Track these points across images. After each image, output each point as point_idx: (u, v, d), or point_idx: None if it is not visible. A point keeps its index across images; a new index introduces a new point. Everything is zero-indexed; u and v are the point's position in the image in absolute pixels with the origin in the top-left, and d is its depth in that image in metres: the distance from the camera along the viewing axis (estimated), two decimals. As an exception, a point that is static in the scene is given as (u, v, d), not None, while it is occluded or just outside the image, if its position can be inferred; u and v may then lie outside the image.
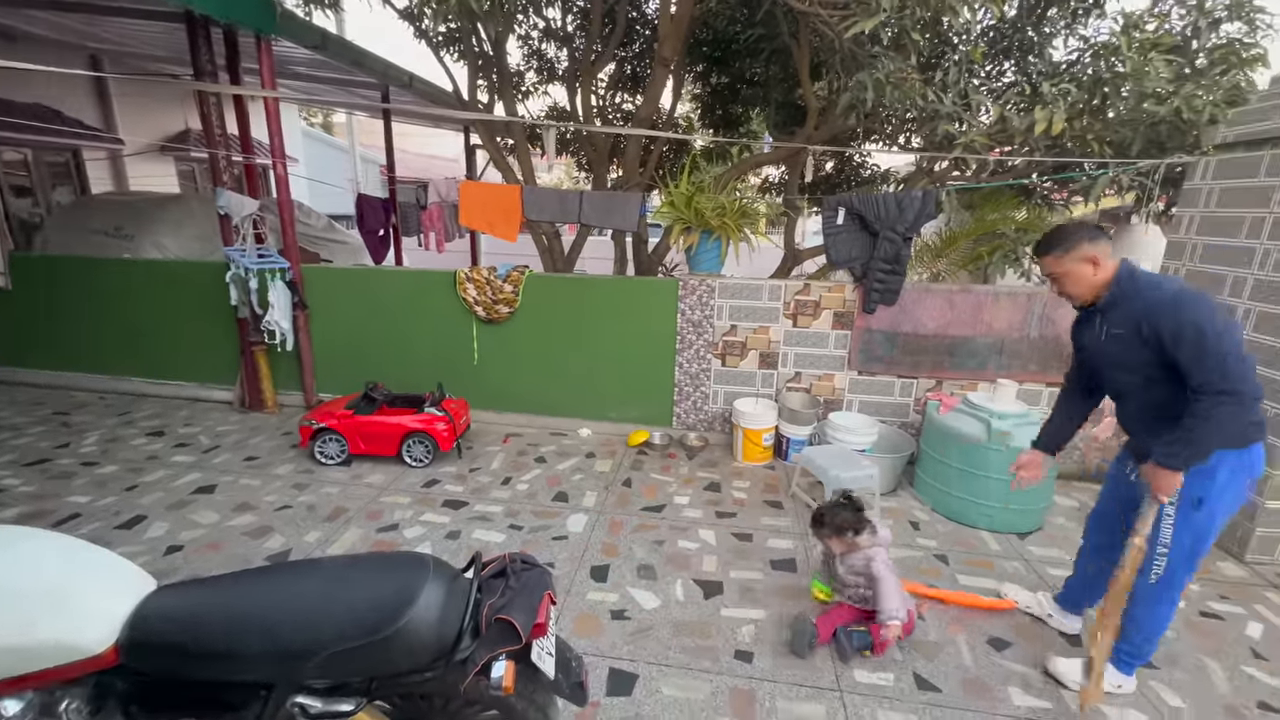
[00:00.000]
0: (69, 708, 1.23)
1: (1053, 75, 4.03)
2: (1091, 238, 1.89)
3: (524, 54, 6.72)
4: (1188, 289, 1.81)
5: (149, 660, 1.22)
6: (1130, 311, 1.86)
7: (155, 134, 8.20)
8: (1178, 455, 1.77)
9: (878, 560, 2.35)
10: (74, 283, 4.86)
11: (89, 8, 4.64)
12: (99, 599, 1.25)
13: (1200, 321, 1.70)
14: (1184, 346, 1.72)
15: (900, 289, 3.82)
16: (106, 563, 1.34)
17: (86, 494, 3.34)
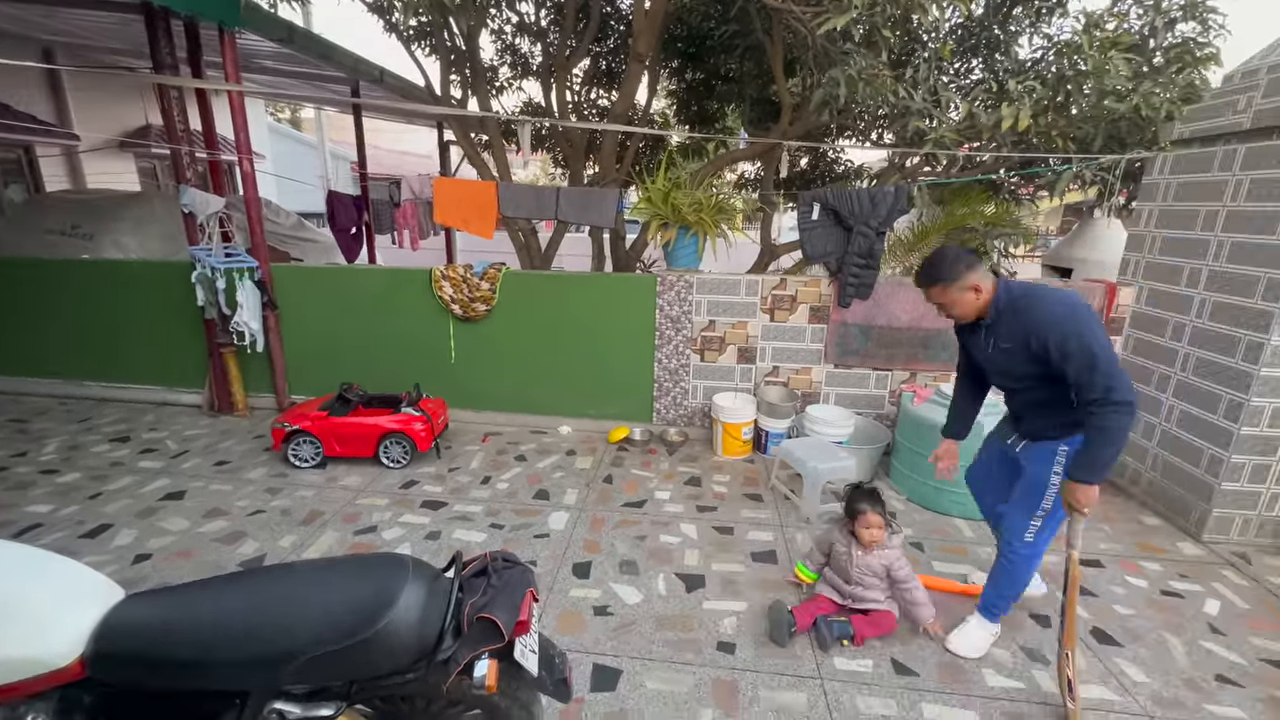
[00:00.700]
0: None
1: (1019, 73, 4.13)
2: (970, 265, 1.94)
3: (497, 49, 6.65)
4: (1070, 304, 1.86)
5: (117, 672, 1.18)
6: (1016, 327, 1.93)
7: (113, 129, 7.91)
8: (1093, 471, 1.87)
9: (903, 562, 2.38)
10: (29, 285, 4.67)
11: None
12: (62, 610, 1.21)
13: (1086, 338, 1.78)
14: (1072, 362, 1.81)
15: (874, 283, 3.89)
16: (70, 572, 1.30)
17: (48, 503, 3.22)
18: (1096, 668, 2.29)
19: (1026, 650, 2.37)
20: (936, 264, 1.97)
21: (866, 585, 2.41)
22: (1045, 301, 1.89)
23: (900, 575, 2.37)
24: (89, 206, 5.48)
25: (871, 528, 2.36)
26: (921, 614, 2.36)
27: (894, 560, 2.38)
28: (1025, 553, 2.20)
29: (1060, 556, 2.93)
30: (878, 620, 2.37)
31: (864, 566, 2.40)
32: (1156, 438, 3.50)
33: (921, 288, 2.06)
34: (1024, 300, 1.93)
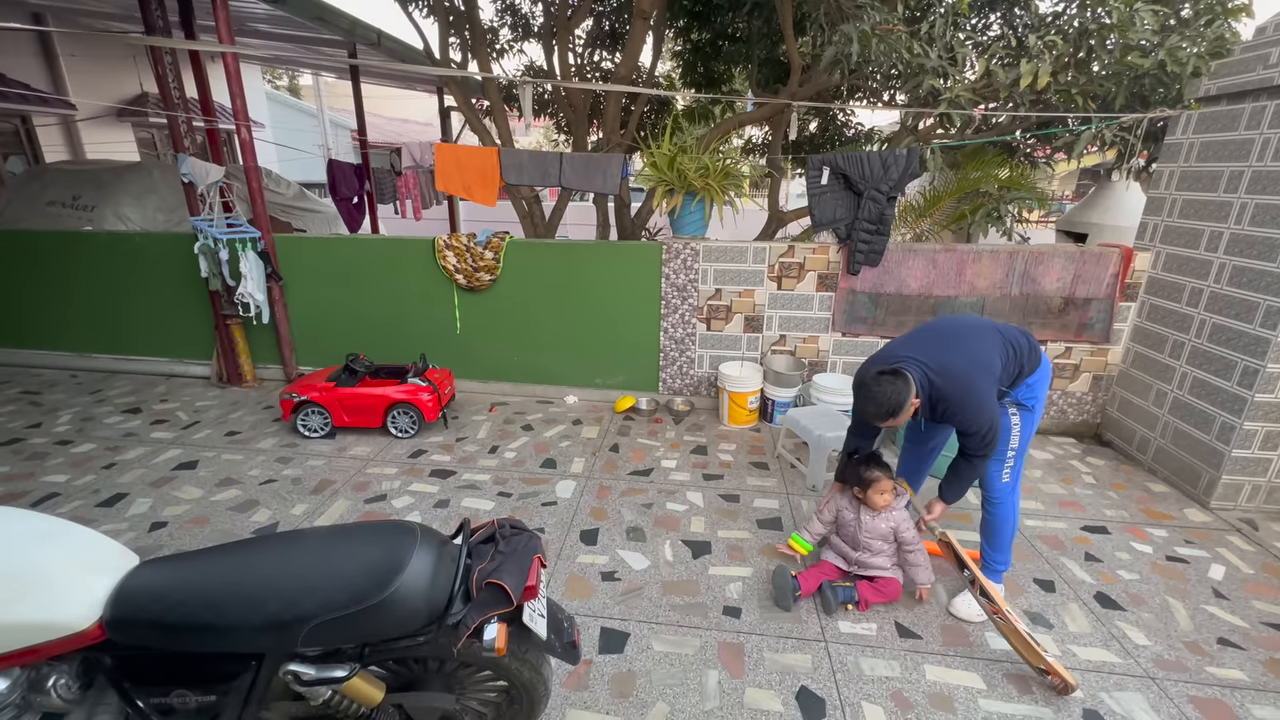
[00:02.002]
0: (58, 684, 1.23)
1: (1039, 27, 3.96)
2: (909, 389, 2.07)
3: (497, 9, 6.45)
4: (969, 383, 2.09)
5: (135, 635, 1.21)
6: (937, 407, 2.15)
7: (109, 98, 7.78)
8: (957, 494, 2.29)
9: (909, 524, 2.40)
10: (34, 257, 4.67)
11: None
12: (81, 576, 1.23)
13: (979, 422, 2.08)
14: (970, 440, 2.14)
15: (884, 249, 3.82)
16: (87, 540, 1.32)
17: (63, 473, 3.27)
18: (1100, 631, 2.31)
19: (1030, 614, 2.39)
20: (881, 404, 2.08)
21: (874, 550, 2.42)
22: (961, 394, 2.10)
23: (907, 537, 2.39)
24: (90, 177, 5.43)
25: (885, 492, 2.38)
26: (919, 575, 2.40)
27: (901, 522, 2.39)
28: (1006, 494, 2.35)
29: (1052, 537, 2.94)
30: (883, 587, 2.39)
31: (872, 530, 2.41)
32: (1168, 405, 3.46)
33: (871, 421, 2.18)
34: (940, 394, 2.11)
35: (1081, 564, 2.71)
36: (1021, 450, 2.33)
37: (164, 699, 1.32)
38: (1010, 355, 2.19)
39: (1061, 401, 4.02)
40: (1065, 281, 3.78)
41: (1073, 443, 3.95)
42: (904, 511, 2.42)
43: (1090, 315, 3.82)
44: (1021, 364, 2.22)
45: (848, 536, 2.49)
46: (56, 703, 1.23)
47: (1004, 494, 2.35)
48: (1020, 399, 2.30)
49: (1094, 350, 3.89)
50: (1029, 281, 3.81)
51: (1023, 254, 3.79)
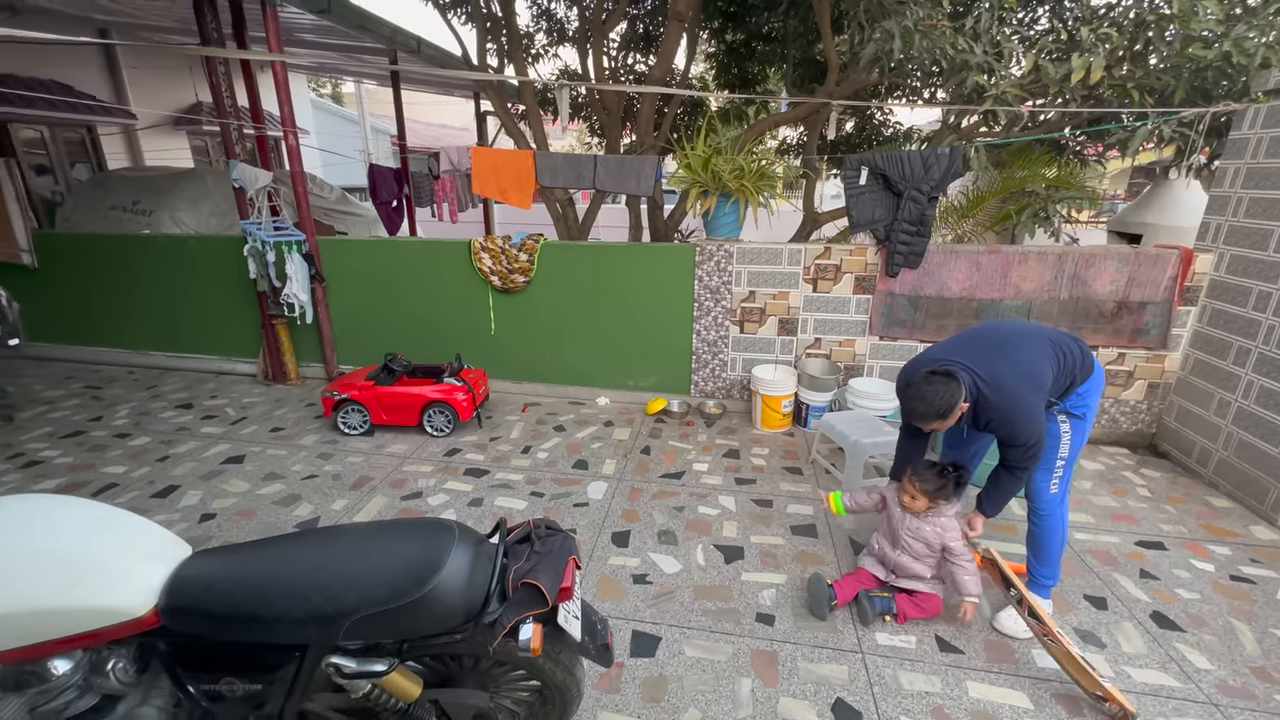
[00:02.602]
0: (116, 667, 1.28)
1: (1091, 19, 3.80)
2: (961, 392, 2.00)
3: (533, 14, 6.53)
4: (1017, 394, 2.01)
5: (187, 623, 1.25)
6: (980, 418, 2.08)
7: (167, 107, 8.17)
8: (997, 508, 2.23)
9: (955, 534, 2.26)
10: (97, 259, 4.92)
11: (93, -23, 4.57)
12: (139, 564, 1.28)
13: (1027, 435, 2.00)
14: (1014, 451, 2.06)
15: (924, 251, 3.72)
16: (144, 530, 1.37)
17: (121, 464, 3.44)
18: (1157, 653, 2.19)
19: (1080, 632, 2.29)
20: (931, 403, 2.02)
21: (914, 554, 2.31)
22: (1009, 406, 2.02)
23: (955, 547, 2.25)
24: (148, 183, 5.70)
25: (915, 496, 2.27)
26: (967, 587, 2.21)
27: (948, 530, 2.27)
28: (1054, 505, 2.26)
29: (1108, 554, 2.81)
30: (923, 603, 2.30)
31: (914, 531, 2.29)
32: (1231, 415, 3.28)
33: (916, 421, 2.11)
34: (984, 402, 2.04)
35: (1136, 581, 2.58)
36: (1071, 460, 2.23)
37: (213, 685, 1.37)
38: (1062, 364, 2.10)
39: (1114, 410, 3.84)
40: (1119, 284, 3.61)
41: (1126, 453, 3.77)
42: (952, 520, 2.30)
43: (1146, 320, 3.65)
44: (1074, 373, 2.13)
45: (889, 531, 2.40)
46: (115, 685, 1.28)
47: (1052, 505, 2.25)
48: (1070, 408, 2.21)
49: (1150, 356, 3.71)
50: (1079, 284, 3.66)
51: (1072, 256, 3.64)
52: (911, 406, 2.05)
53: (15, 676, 1.20)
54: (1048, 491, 2.25)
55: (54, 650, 1.20)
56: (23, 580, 1.16)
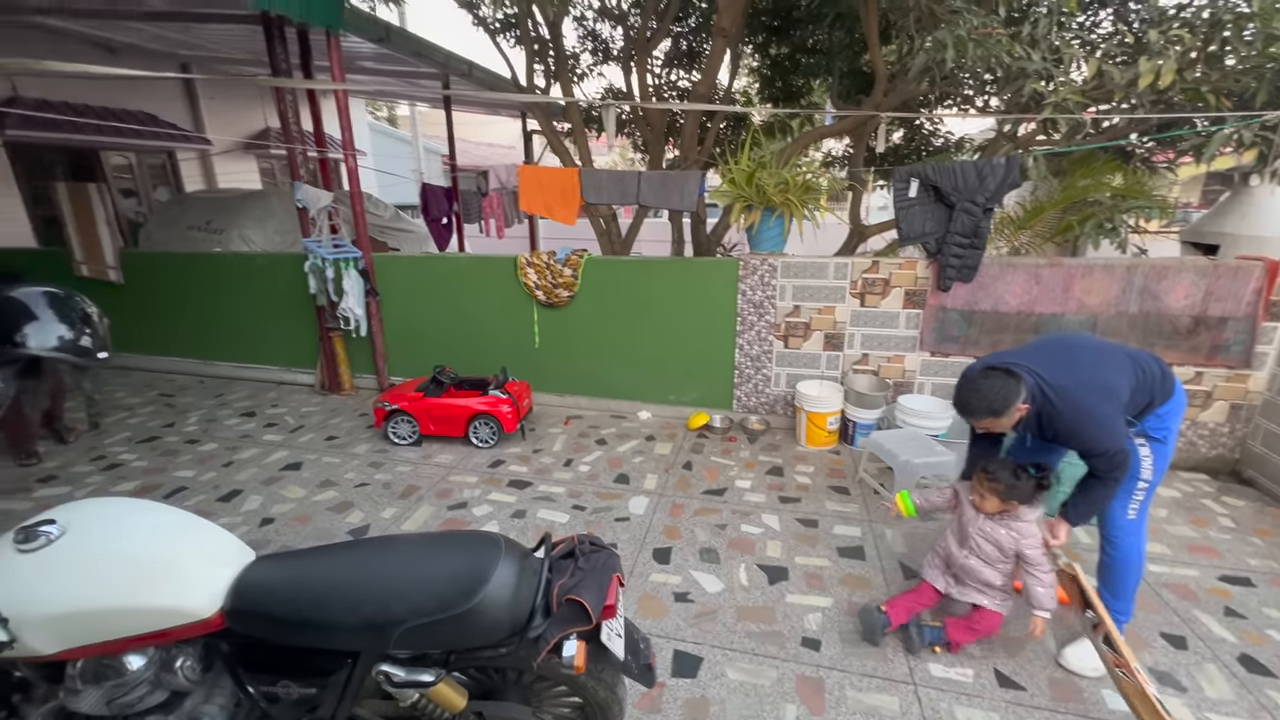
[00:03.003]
0: (184, 665, 1.34)
1: (1160, 21, 3.62)
2: (1019, 390, 1.91)
3: (579, 35, 6.69)
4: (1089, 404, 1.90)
5: (249, 625, 1.31)
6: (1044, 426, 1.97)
7: (239, 133, 8.73)
8: (1085, 517, 2.04)
9: (1034, 541, 2.08)
10: (173, 275, 5.28)
11: (180, 16, 4.95)
12: (207, 567, 1.35)
13: (1105, 443, 1.87)
14: (1093, 460, 1.92)
15: (979, 264, 3.59)
16: (212, 534, 1.45)
17: (191, 469, 3.64)
18: (1245, 700, 2.01)
19: (1157, 673, 2.12)
20: (985, 397, 1.94)
21: (984, 557, 2.14)
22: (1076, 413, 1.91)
23: (1032, 556, 2.07)
24: (220, 204, 6.09)
25: (984, 495, 2.10)
26: (1041, 599, 2.05)
27: (1026, 536, 2.08)
28: (1131, 533, 2.12)
29: (1200, 571, 2.62)
30: (977, 622, 2.17)
31: (986, 533, 2.13)
32: (1328, 441, 3.01)
33: (967, 416, 2.03)
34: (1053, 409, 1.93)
35: (1220, 619, 2.39)
36: (1152, 486, 2.09)
37: (271, 687, 1.42)
38: (1140, 382, 1.97)
39: (1191, 432, 3.58)
40: (1195, 299, 3.39)
41: (1205, 479, 3.51)
42: (1032, 525, 2.10)
43: (1226, 336, 3.40)
44: (1153, 392, 2.00)
45: (958, 529, 2.25)
46: (182, 683, 1.34)
47: (1128, 533, 2.11)
48: (1150, 430, 2.08)
49: (1231, 376, 3.46)
50: (1150, 298, 3.45)
51: (1142, 268, 3.44)
52: (964, 400, 1.98)
53: (95, 670, 1.28)
54: (1124, 518, 2.10)
55: (129, 647, 1.27)
56: (106, 580, 1.23)
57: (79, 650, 1.24)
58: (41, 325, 1.37)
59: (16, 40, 5.81)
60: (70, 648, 1.22)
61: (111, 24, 5.66)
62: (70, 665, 1.27)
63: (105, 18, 5.28)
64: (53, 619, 1.20)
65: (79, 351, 1.35)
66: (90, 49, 6.52)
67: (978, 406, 1.94)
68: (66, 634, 1.21)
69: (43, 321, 1.38)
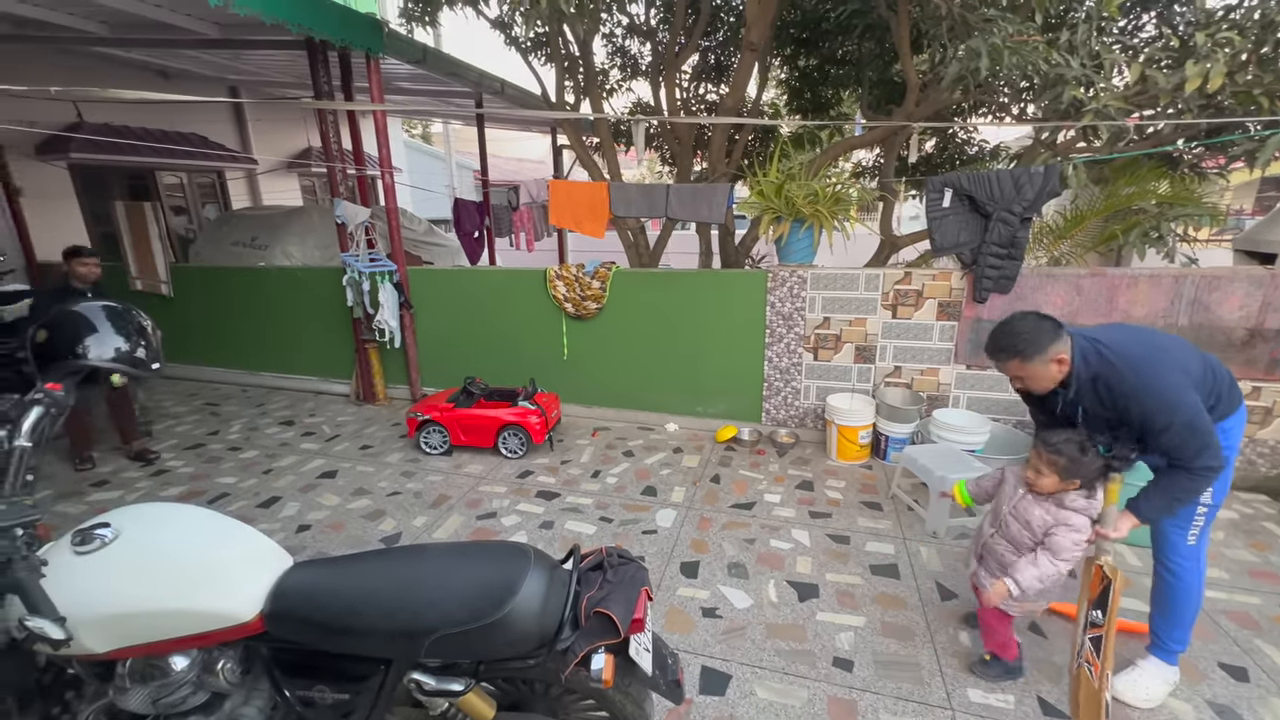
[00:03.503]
0: (225, 667, 1.39)
1: (1207, 24, 3.50)
2: (1055, 336, 1.79)
3: (608, 52, 6.80)
4: (1157, 362, 1.76)
5: (288, 630, 1.34)
6: (1104, 395, 1.82)
7: (282, 153, 9.11)
8: (1158, 513, 1.83)
9: (1072, 530, 1.84)
10: (220, 289, 5.51)
11: (230, 44, 5.21)
12: (248, 571, 1.39)
13: (1175, 409, 1.69)
14: (1168, 435, 1.72)
15: (1016, 275, 3.50)
16: (252, 539, 1.49)
17: (233, 475, 3.77)
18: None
19: (1215, 706, 2.01)
20: (1015, 335, 1.81)
21: (1010, 539, 1.97)
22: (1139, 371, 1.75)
23: (1059, 541, 1.84)
24: (264, 220, 6.34)
25: (1040, 470, 1.87)
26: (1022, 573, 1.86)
27: (1064, 521, 1.85)
28: (1189, 560, 1.97)
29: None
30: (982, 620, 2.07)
31: (1018, 512, 1.95)
32: (1402, 461, 2.82)
33: (993, 359, 1.89)
34: (1110, 370, 1.79)
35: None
36: (1213, 509, 1.95)
37: (307, 692, 1.45)
38: (1208, 375, 1.82)
39: (1249, 450, 3.40)
40: (1250, 310, 3.24)
41: (1265, 500, 3.33)
42: (1080, 516, 1.85)
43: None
44: (1220, 394, 1.84)
45: (994, 510, 2.10)
46: (222, 684, 1.38)
47: (1188, 560, 1.97)
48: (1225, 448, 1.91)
49: (1292, 391, 3.28)
50: (1201, 310, 3.31)
51: (1192, 278, 3.30)
52: (993, 339, 1.86)
53: (143, 669, 1.32)
54: (1184, 543, 1.96)
55: (174, 648, 1.32)
56: (157, 582, 1.28)
57: (128, 650, 1.28)
58: (100, 338, 1.44)
59: (81, 69, 6.20)
60: (120, 647, 1.27)
61: (166, 51, 5.99)
62: (120, 664, 1.32)
63: (160, 46, 5.59)
64: (106, 619, 1.25)
65: (134, 363, 1.42)
66: (146, 75, 6.91)
67: (1005, 345, 1.82)
68: (118, 633, 1.26)
69: (102, 334, 1.45)
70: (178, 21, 4.63)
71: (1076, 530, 1.85)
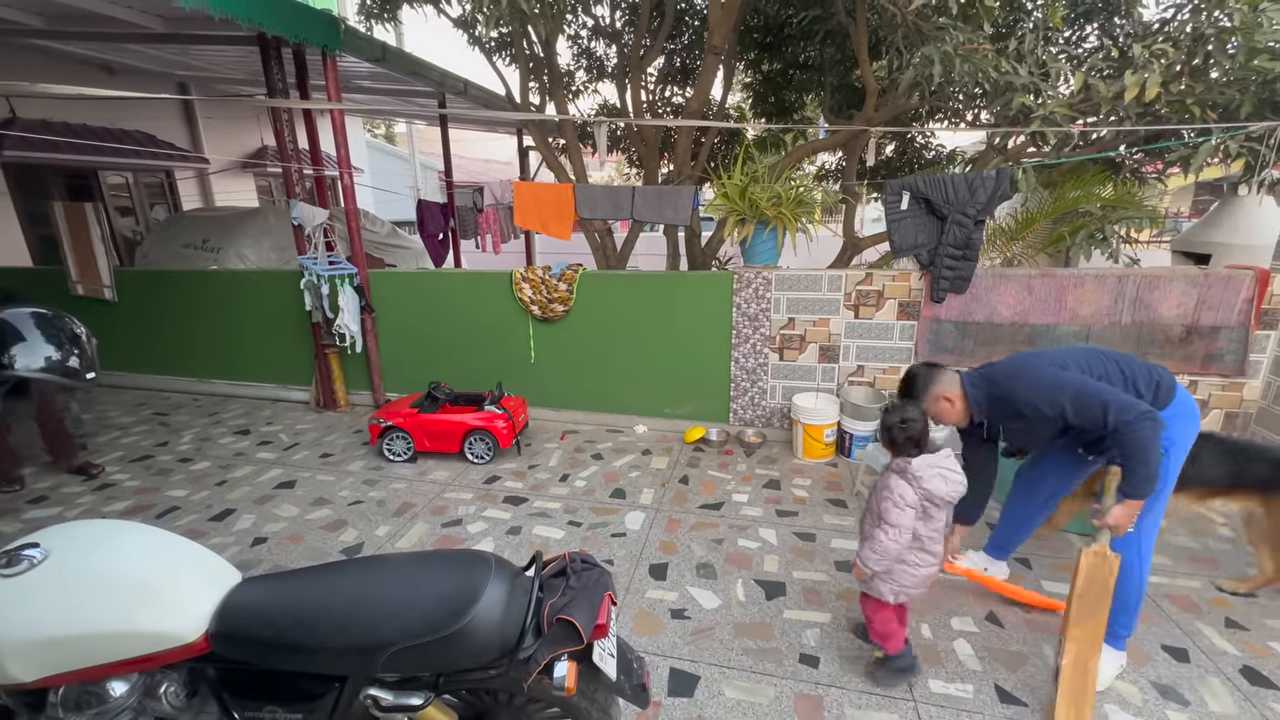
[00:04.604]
0: (168, 690, 1.32)
1: (1144, 36, 3.68)
2: (936, 379, 2.15)
3: (573, 53, 6.77)
4: (1021, 371, 2.07)
5: (235, 649, 1.29)
6: (1004, 409, 2.12)
7: (236, 152, 8.79)
8: (1139, 486, 1.88)
9: (883, 494, 1.90)
10: (169, 293, 5.27)
11: (178, 38, 5.00)
12: (192, 590, 1.33)
13: (1055, 395, 1.95)
14: (1070, 412, 1.93)
15: (971, 275, 3.61)
16: (197, 555, 1.43)
17: (183, 488, 3.61)
18: (1249, 713, 1.99)
19: (1159, 687, 2.10)
20: (909, 382, 2.21)
21: (868, 522, 1.99)
22: (1009, 380, 2.08)
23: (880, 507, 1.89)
24: (217, 222, 6.10)
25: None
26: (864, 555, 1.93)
27: (883, 486, 1.91)
28: (1131, 548, 2.07)
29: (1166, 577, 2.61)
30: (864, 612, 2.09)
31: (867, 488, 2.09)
32: (1324, 449, 3.00)
33: (900, 400, 2.18)
34: (995, 388, 2.11)
35: (1221, 631, 2.36)
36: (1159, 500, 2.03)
37: (257, 713, 1.39)
38: (1119, 374, 2.04)
39: (1187, 441, 3.58)
40: (1187, 308, 3.41)
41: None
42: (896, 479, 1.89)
43: (1219, 345, 3.42)
44: (1138, 389, 2.01)
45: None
46: (166, 709, 1.32)
47: (1128, 547, 2.05)
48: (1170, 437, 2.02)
49: (1226, 384, 3.47)
50: (1142, 308, 3.47)
51: (1134, 278, 3.46)
52: (899, 386, 2.27)
53: (77, 697, 1.25)
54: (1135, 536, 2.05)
55: (112, 672, 1.25)
56: (89, 605, 1.21)
57: (60, 677, 1.21)
58: (29, 346, 1.36)
59: (16, 62, 5.87)
60: (51, 674, 1.20)
61: (109, 45, 5.72)
62: (51, 693, 1.25)
63: (102, 40, 5.33)
64: (33, 645, 1.18)
65: (66, 372, 1.34)
66: (89, 70, 6.59)
67: (904, 390, 2.21)
68: (47, 661, 1.19)
69: (30, 342, 1.36)
70: (118, 14, 4.42)
71: (889, 491, 1.88)
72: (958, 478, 1.88)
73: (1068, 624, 1.93)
